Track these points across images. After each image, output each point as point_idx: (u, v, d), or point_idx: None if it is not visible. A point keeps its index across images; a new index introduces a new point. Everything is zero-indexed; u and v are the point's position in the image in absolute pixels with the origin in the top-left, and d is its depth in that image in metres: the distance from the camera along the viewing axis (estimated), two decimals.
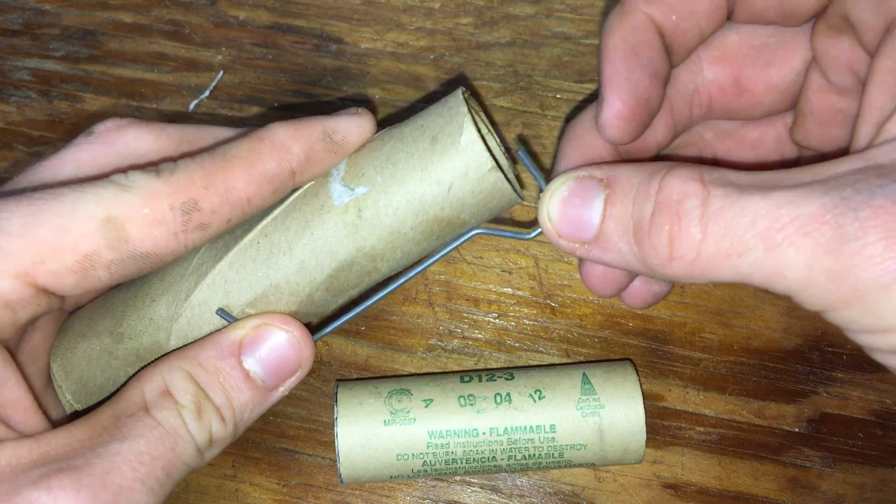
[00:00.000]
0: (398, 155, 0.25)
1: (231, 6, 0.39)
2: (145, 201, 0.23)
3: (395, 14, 0.39)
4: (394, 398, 0.31)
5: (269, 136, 0.25)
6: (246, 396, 0.26)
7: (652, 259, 0.22)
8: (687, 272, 0.21)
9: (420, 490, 0.33)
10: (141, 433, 0.23)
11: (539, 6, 0.38)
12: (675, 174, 0.21)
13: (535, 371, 0.32)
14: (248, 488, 0.33)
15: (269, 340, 0.26)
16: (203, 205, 0.23)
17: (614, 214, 0.22)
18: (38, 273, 0.22)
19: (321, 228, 0.25)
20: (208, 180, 0.23)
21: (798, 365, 0.34)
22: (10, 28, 0.39)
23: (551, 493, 0.33)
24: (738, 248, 0.20)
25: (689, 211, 0.21)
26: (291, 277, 0.26)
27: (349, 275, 0.26)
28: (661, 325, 0.35)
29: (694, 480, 0.33)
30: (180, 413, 0.24)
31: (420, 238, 0.26)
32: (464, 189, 0.25)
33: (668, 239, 0.21)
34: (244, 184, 0.24)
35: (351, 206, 0.25)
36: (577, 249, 0.24)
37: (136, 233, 0.23)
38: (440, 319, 0.35)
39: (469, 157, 0.24)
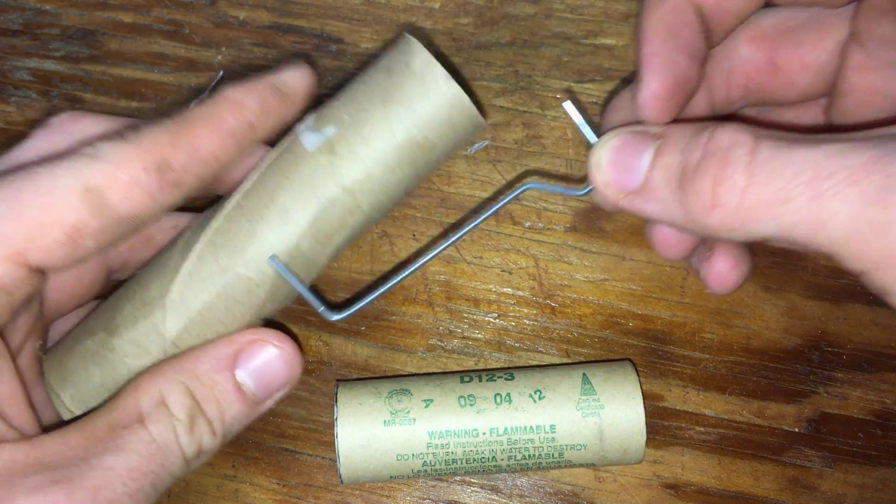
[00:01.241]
0: (359, 92, 0.27)
1: (231, 6, 0.39)
2: (119, 167, 0.23)
3: (395, 14, 0.39)
4: (394, 398, 0.31)
5: (223, 96, 0.26)
6: (236, 410, 0.26)
7: (694, 206, 0.21)
8: (728, 221, 0.21)
9: (420, 490, 0.33)
10: (135, 448, 0.23)
11: (539, 6, 0.38)
12: (727, 126, 0.21)
13: (535, 371, 0.32)
14: (248, 488, 0.33)
15: (263, 355, 0.26)
16: (174, 163, 0.24)
17: (662, 163, 0.23)
18: (29, 252, 0.22)
19: (298, 173, 0.26)
20: (174, 140, 0.24)
21: (798, 365, 0.34)
22: (10, 28, 0.39)
23: (551, 493, 0.33)
24: (782, 196, 0.19)
25: (736, 158, 0.20)
26: (277, 227, 0.26)
27: (332, 215, 0.26)
28: (661, 325, 0.35)
29: (694, 480, 0.33)
30: (174, 427, 0.24)
31: (395, 165, 0.26)
32: (425, 106, 0.26)
33: (712, 184, 0.21)
34: (209, 140, 0.25)
35: (324, 147, 0.26)
36: (622, 200, 0.24)
37: (115, 198, 0.23)
38: (440, 319, 0.35)
39: (424, 73, 0.26)
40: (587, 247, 0.35)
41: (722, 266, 0.27)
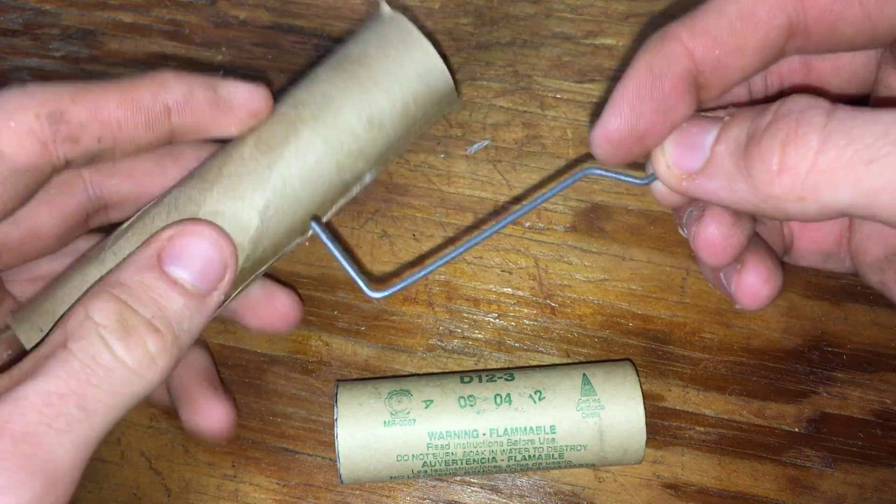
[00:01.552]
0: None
1: (231, 6, 0.39)
2: (11, 115, 0.23)
3: None
4: (394, 399, 0.31)
5: (151, 74, 0.25)
6: (179, 303, 0.24)
7: (759, 173, 0.19)
8: (797, 189, 0.19)
9: (420, 490, 0.33)
10: (52, 371, 0.21)
11: (539, 6, 0.38)
12: (800, 95, 0.20)
13: (535, 371, 0.32)
14: (248, 488, 0.33)
15: (187, 245, 0.25)
16: (70, 116, 0.24)
17: (729, 135, 0.21)
18: None
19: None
20: (76, 96, 0.24)
21: (798, 365, 0.34)
22: (10, 28, 0.39)
23: (551, 493, 0.33)
24: (867, 156, 0.17)
25: (810, 118, 0.19)
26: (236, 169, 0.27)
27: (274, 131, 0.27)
28: (661, 325, 0.35)
29: (694, 480, 0.33)
30: (101, 336, 0.22)
31: (328, 74, 0.28)
32: (371, 32, 0.29)
33: (781, 145, 0.19)
34: (114, 105, 0.24)
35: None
36: (682, 182, 0.23)
37: (6, 146, 0.23)
38: (440, 319, 0.35)
39: (392, 21, 0.28)
40: (587, 247, 0.35)
41: (754, 279, 0.26)
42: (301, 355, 0.35)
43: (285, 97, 0.28)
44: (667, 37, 0.23)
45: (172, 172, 0.29)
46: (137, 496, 0.33)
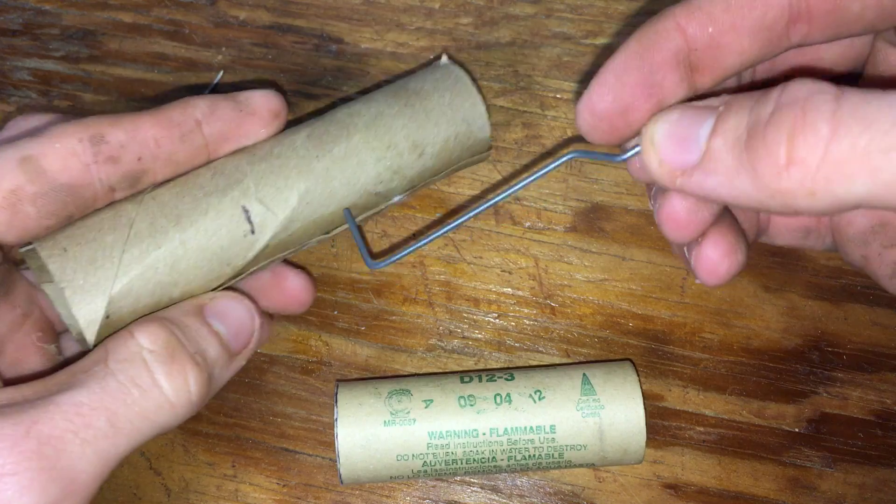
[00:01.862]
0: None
1: (231, 6, 0.39)
2: (55, 138, 0.25)
3: (395, 14, 0.39)
4: (394, 398, 0.31)
5: (176, 101, 0.28)
6: (216, 350, 0.26)
7: (765, 167, 0.18)
8: (808, 182, 0.17)
9: (420, 490, 0.33)
10: (87, 385, 0.22)
11: (539, 6, 0.38)
12: (803, 79, 0.18)
13: (535, 371, 0.32)
14: (248, 488, 0.33)
15: (227, 305, 0.27)
16: (110, 138, 0.25)
17: (726, 126, 0.20)
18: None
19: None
20: (114, 120, 0.26)
21: (798, 365, 0.34)
22: (9, 28, 0.39)
23: (551, 493, 0.33)
24: (884, 144, 0.16)
25: (817, 105, 0.17)
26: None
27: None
28: (661, 325, 0.35)
29: (694, 480, 0.33)
30: (145, 360, 0.23)
31: (388, 98, 0.31)
32: (429, 76, 0.32)
33: (788, 136, 0.17)
34: (150, 124, 0.26)
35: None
36: (677, 179, 0.21)
37: (51, 165, 0.24)
38: (440, 319, 0.35)
39: (450, 70, 0.32)
40: (587, 247, 0.35)
41: (713, 252, 0.24)
42: (301, 355, 0.35)
43: (341, 107, 0.31)
44: (662, 15, 0.23)
45: None
46: (137, 496, 0.33)
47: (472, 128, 0.32)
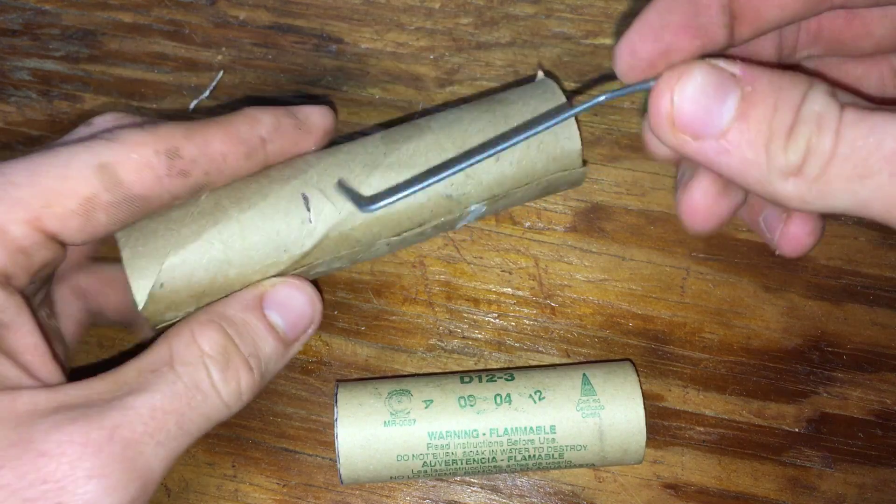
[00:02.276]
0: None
1: (231, 6, 0.39)
2: (132, 148, 0.25)
3: (395, 14, 0.39)
4: (394, 399, 0.31)
5: (242, 111, 0.28)
6: (271, 346, 0.27)
7: (775, 171, 0.20)
8: (803, 191, 0.20)
9: (420, 490, 0.33)
10: (158, 388, 0.24)
11: (539, 6, 0.38)
12: (818, 89, 0.20)
13: (535, 371, 0.32)
14: (248, 488, 0.33)
15: (287, 294, 0.28)
16: (184, 153, 0.26)
17: (752, 116, 0.21)
18: (45, 218, 0.24)
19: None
20: (187, 133, 0.26)
21: (798, 365, 0.34)
22: (10, 28, 0.39)
23: (551, 493, 0.33)
24: (863, 171, 0.19)
25: (827, 123, 0.20)
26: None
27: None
28: (661, 325, 0.35)
29: (694, 480, 0.33)
30: (206, 365, 0.25)
31: (471, 112, 0.31)
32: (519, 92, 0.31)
33: (805, 151, 0.20)
34: (220, 141, 0.27)
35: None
36: (688, 144, 0.22)
37: (127, 175, 0.25)
38: (440, 319, 0.35)
39: (541, 82, 0.31)
40: (587, 247, 0.35)
41: (800, 230, 0.26)
42: (301, 355, 0.35)
43: (422, 117, 0.31)
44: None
45: None
46: None
47: (558, 137, 0.30)
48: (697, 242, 0.35)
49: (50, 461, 0.22)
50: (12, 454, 0.22)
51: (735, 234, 0.36)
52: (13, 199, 0.23)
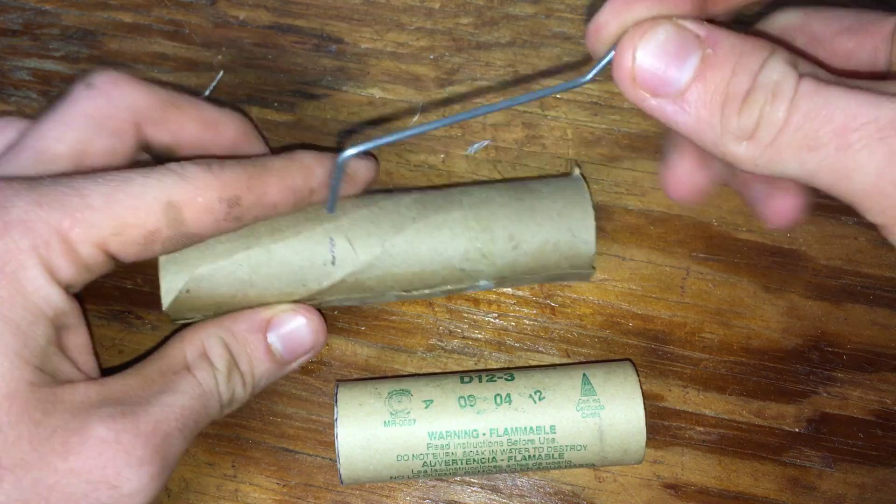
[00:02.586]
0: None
1: (231, 6, 0.39)
2: (200, 191, 0.27)
3: (395, 14, 0.39)
4: (394, 399, 0.31)
5: (298, 158, 0.30)
6: (264, 367, 0.31)
7: (729, 133, 0.21)
8: (755, 155, 0.21)
9: (420, 490, 0.33)
10: (185, 390, 0.28)
11: (539, 6, 0.38)
12: (778, 57, 0.21)
13: (535, 371, 0.32)
14: (248, 488, 0.33)
15: (293, 324, 0.31)
16: (243, 201, 0.28)
17: (710, 78, 0.21)
18: (112, 243, 0.26)
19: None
20: (249, 182, 0.28)
21: (798, 365, 0.34)
22: (9, 28, 0.39)
23: (551, 493, 0.33)
24: (812, 142, 0.20)
25: (783, 90, 0.20)
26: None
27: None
28: (661, 325, 0.35)
29: (694, 480, 0.33)
30: (215, 376, 0.29)
31: (499, 191, 0.33)
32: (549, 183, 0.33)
33: (758, 118, 0.21)
34: (275, 191, 0.29)
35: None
36: (647, 100, 0.23)
37: (190, 216, 0.27)
38: (440, 319, 0.35)
39: (575, 180, 0.33)
40: None
41: (785, 204, 0.27)
42: None
43: (457, 187, 0.33)
44: None
45: None
46: None
47: (576, 240, 0.32)
48: (697, 242, 0.35)
49: (107, 448, 0.25)
50: (76, 441, 0.25)
51: (735, 234, 0.36)
52: (89, 223, 0.25)
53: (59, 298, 0.25)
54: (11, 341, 0.24)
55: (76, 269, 0.26)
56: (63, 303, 0.25)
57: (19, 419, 0.24)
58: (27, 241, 0.24)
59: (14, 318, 0.24)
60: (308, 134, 0.37)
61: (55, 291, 0.25)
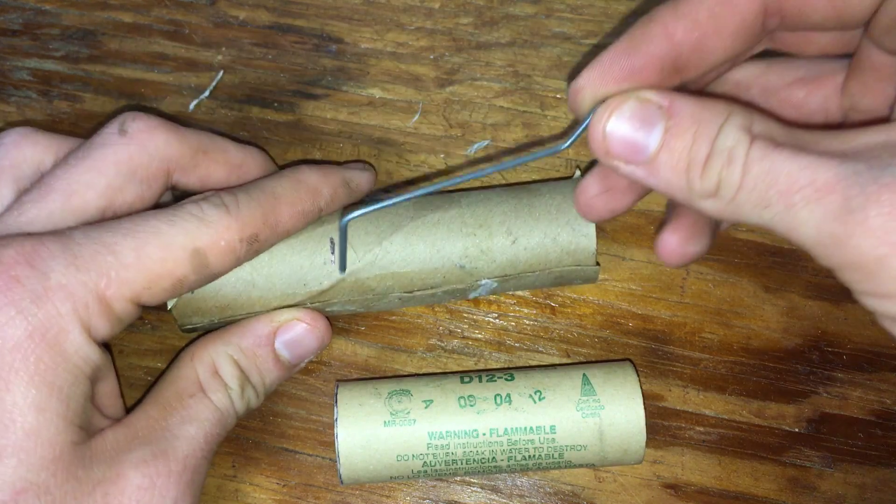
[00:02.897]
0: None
1: (231, 6, 0.39)
2: (221, 234, 0.28)
3: (395, 14, 0.39)
4: (394, 399, 0.31)
5: (304, 180, 0.31)
6: (275, 376, 0.31)
7: (695, 193, 0.24)
8: (720, 209, 0.24)
9: (420, 490, 0.33)
10: (206, 417, 0.29)
11: (539, 6, 0.38)
12: (733, 122, 0.23)
13: (535, 372, 0.32)
14: (249, 488, 0.33)
15: (298, 332, 0.31)
16: (261, 237, 0.29)
17: (672, 147, 0.24)
18: (143, 295, 0.27)
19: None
20: (264, 218, 0.29)
21: (798, 365, 0.34)
22: (9, 28, 0.39)
23: (551, 492, 0.33)
24: (764, 202, 0.22)
25: (736, 159, 0.23)
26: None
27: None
28: (661, 325, 0.35)
29: (694, 480, 0.33)
30: (229, 395, 0.30)
31: (498, 194, 0.33)
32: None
33: (717, 181, 0.23)
34: (287, 219, 0.30)
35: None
36: (622, 167, 0.25)
37: (214, 260, 0.28)
38: (440, 319, 0.35)
39: (576, 180, 0.33)
40: None
41: (672, 239, 0.29)
42: None
43: (457, 192, 0.33)
44: (652, 18, 0.25)
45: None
46: None
47: (575, 234, 0.32)
48: None
49: (145, 494, 0.26)
50: (115, 492, 0.26)
51: (735, 233, 0.36)
52: (122, 280, 0.26)
53: (97, 355, 0.26)
54: (56, 405, 0.25)
55: (111, 325, 0.27)
56: (99, 358, 0.26)
57: (65, 480, 0.25)
58: (68, 305, 0.25)
59: (57, 382, 0.25)
60: (308, 134, 0.37)
61: (93, 350, 0.26)
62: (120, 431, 0.27)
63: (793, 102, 0.29)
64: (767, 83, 0.29)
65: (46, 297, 0.25)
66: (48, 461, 0.25)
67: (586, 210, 0.30)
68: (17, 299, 0.25)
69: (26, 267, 0.25)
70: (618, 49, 0.25)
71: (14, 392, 0.24)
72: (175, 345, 0.35)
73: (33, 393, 0.24)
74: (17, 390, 0.24)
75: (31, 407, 0.24)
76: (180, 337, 0.35)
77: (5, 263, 0.25)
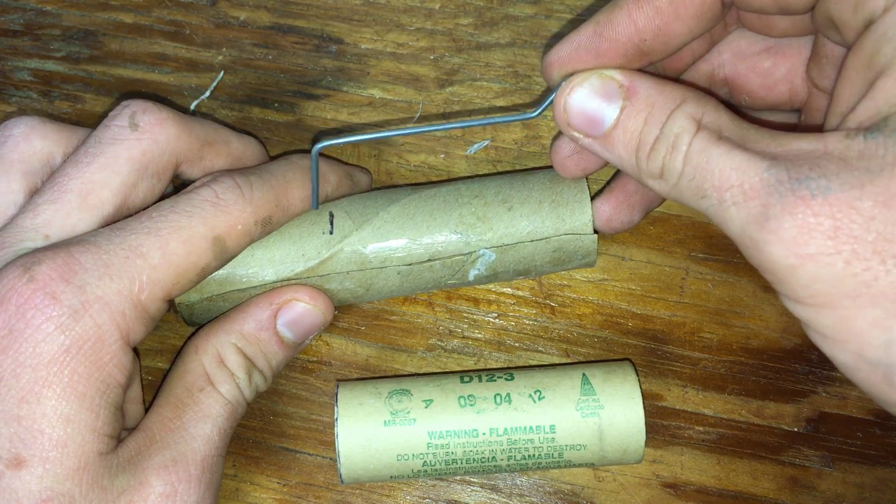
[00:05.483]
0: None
1: (231, 7, 0.39)
2: (238, 218, 0.29)
3: (395, 14, 0.39)
4: (394, 398, 0.31)
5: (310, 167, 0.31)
6: (280, 357, 0.32)
7: (644, 172, 0.26)
8: (666, 191, 0.25)
9: (420, 490, 0.33)
10: (218, 413, 0.29)
11: (539, 7, 0.39)
12: (683, 110, 0.24)
13: (534, 371, 0.32)
14: (249, 488, 0.33)
15: (299, 311, 0.31)
16: (273, 219, 0.30)
17: (626, 126, 0.25)
18: (173, 291, 0.28)
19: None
20: (277, 200, 0.30)
21: (797, 364, 0.34)
22: (10, 28, 0.39)
23: (551, 492, 0.33)
24: (699, 192, 0.24)
25: (680, 146, 0.24)
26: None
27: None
28: (660, 325, 0.35)
29: (693, 480, 0.33)
30: (237, 384, 0.30)
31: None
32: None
33: (661, 165, 0.25)
34: (298, 201, 0.31)
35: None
36: (581, 139, 0.27)
37: (231, 243, 0.29)
38: (440, 319, 0.35)
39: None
40: None
41: (604, 208, 0.32)
42: (301, 355, 0.35)
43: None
44: (617, 5, 0.26)
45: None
46: None
47: (570, 201, 0.32)
48: (697, 242, 0.36)
49: (168, 500, 0.27)
50: (139, 500, 0.26)
51: None
52: (153, 282, 0.27)
53: (131, 362, 0.27)
54: (86, 417, 0.25)
55: (147, 327, 0.27)
56: (132, 364, 0.27)
57: (90, 489, 0.25)
58: (105, 316, 0.26)
59: (90, 393, 0.25)
60: (308, 134, 0.37)
61: (129, 357, 0.27)
62: (141, 438, 0.27)
63: (759, 70, 0.30)
64: (739, 48, 0.30)
65: (84, 311, 0.25)
66: (74, 471, 0.25)
67: (560, 169, 0.32)
68: (56, 316, 0.25)
69: (61, 283, 0.25)
70: (585, 32, 0.27)
71: (44, 404, 0.25)
72: (175, 344, 0.35)
73: (64, 405, 0.25)
74: (47, 403, 0.25)
75: (60, 418, 0.25)
76: (181, 336, 0.35)
77: (39, 280, 0.25)
